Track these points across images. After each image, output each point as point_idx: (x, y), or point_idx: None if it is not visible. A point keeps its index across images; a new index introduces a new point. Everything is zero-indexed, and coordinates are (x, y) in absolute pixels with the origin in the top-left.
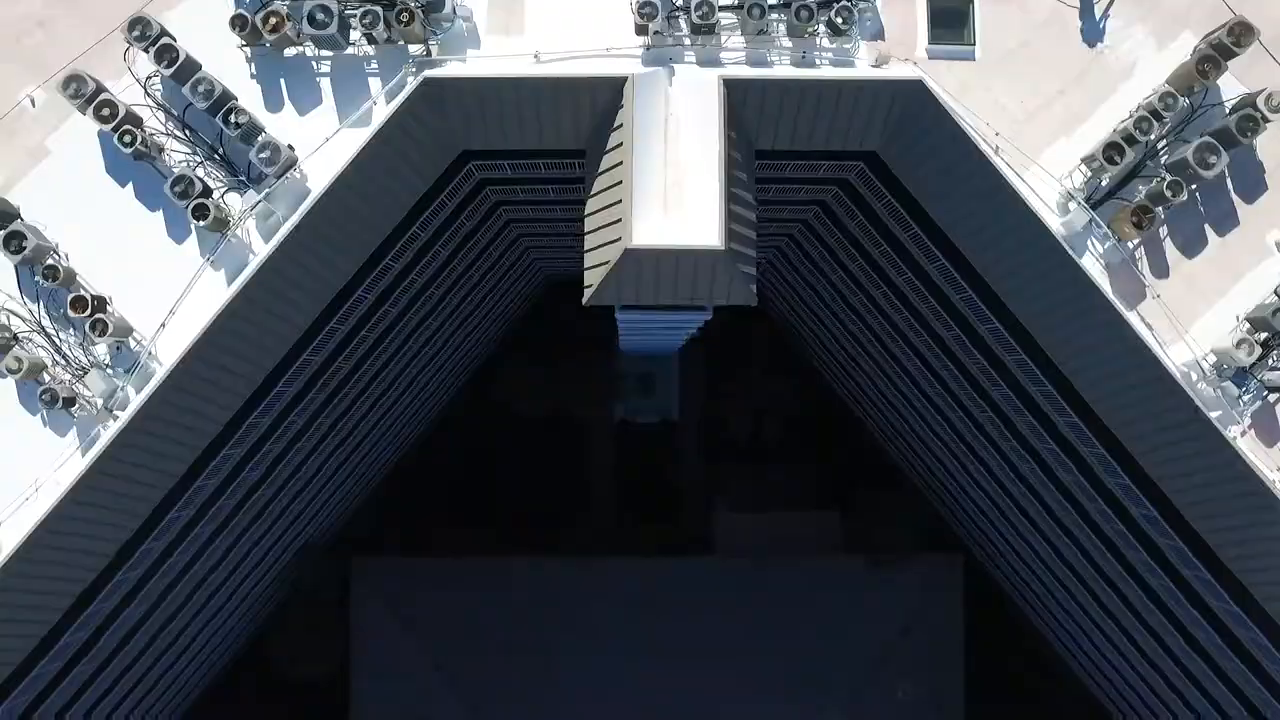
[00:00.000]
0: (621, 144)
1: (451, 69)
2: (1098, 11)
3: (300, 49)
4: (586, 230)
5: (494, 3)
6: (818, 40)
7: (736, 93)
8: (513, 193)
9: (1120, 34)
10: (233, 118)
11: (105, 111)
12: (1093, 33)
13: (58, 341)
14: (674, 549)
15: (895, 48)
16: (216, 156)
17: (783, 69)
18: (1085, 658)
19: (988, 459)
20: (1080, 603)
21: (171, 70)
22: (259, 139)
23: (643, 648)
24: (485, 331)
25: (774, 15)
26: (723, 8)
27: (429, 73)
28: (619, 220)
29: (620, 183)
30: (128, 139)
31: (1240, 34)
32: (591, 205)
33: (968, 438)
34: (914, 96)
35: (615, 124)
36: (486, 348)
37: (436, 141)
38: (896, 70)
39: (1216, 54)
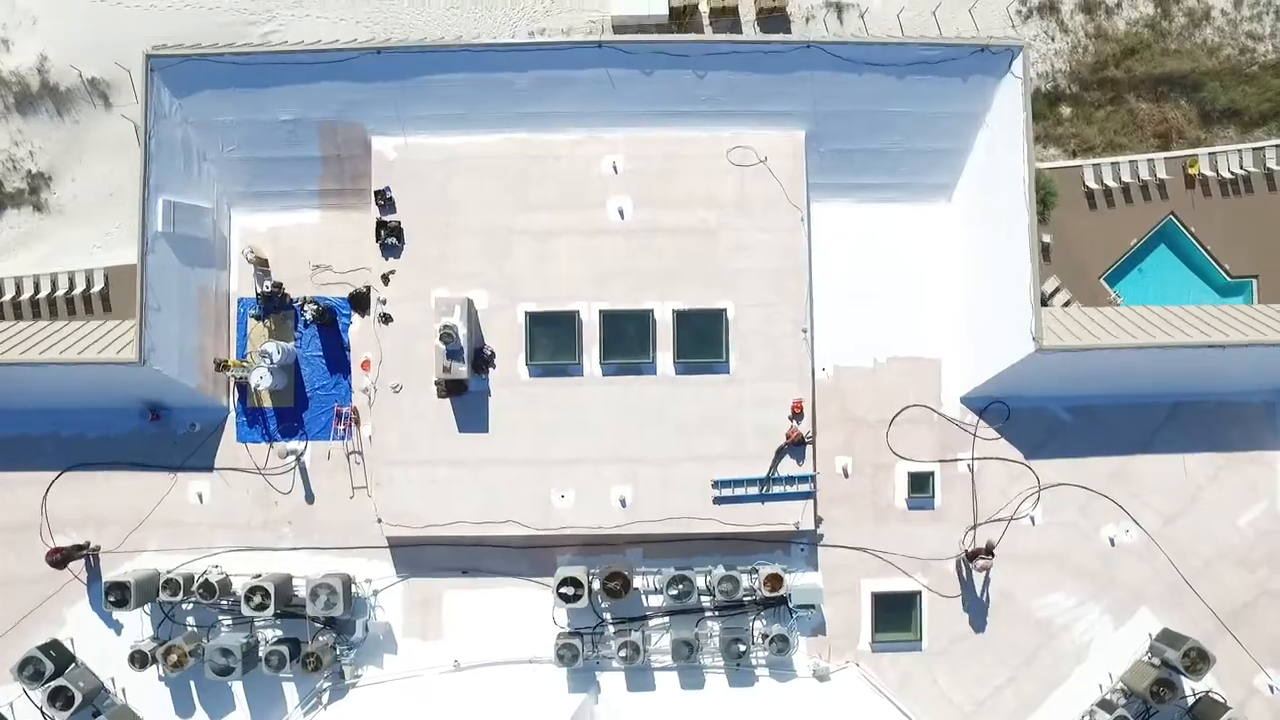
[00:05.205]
0: None
1: None
2: (1051, 595)
3: None
4: None
5: (410, 609)
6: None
7: None
8: None
9: (1074, 613)
10: None
11: None
12: (1045, 615)
13: None
14: None
15: (836, 642)
16: None
17: None
18: None
19: None
20: None
21: (68, 714)
22: None
23: None
24: None
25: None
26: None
27: None
28: None
29: None
30: None
31: (1195, 660)
32: None
33: None
34: None
35: None
36: None
37: None
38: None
39: (1170, 676)
